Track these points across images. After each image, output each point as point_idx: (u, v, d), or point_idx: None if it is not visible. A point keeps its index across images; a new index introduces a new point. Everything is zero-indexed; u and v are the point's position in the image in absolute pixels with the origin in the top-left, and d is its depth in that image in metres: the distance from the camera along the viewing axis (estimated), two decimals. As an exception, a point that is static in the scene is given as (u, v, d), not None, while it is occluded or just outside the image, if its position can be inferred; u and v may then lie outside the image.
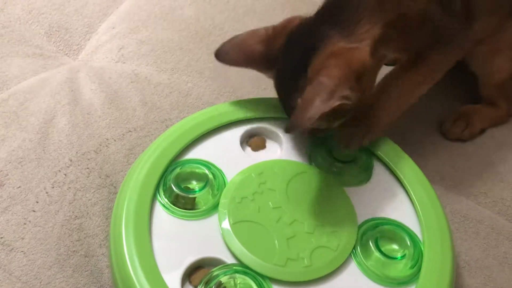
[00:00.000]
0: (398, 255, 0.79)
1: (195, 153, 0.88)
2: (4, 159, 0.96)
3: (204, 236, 0.79)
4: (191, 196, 0.82)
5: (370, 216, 0.83)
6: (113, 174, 0.97)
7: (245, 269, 0.75)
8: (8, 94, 1.07)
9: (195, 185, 0.85)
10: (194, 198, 0.82)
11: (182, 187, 0.82)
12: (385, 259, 0.78)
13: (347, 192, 0.85)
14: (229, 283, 0.74)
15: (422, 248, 0.80)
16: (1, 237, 0.87)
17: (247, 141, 0.92)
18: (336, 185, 0.86)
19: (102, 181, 0.96)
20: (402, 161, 0.89)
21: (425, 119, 1.11)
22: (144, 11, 1.28)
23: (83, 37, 1.23)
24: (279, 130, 0.91)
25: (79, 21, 1.25)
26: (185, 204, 0.82)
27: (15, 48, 1.17)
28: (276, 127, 0.91)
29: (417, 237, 0.81)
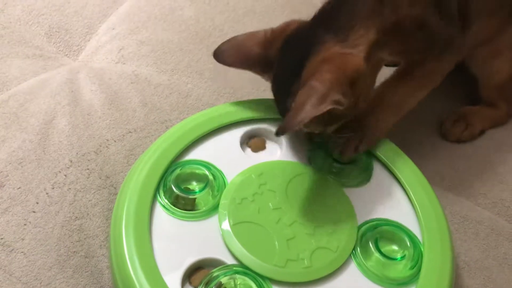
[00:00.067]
0: (398, 256, 0.80)
1: (195, 154, 0.88)
2: (4, 160, 0.96)
3: (204, 237, 0.79)
4: (191, 197, 0.82)
5: (369, 217, 0.83)
6: (113, 175, 0.97)
7: (245, 269, 0.75)
8: (8, 95, 1.07)
9: (195, 186, 0.85)
10: (194, 199, 0.82)
11: (182, 188, 0.82)
12: (385, 260, 0.78)
13: (346, 193, 0.86)
14: (229, 283, 0.74)
15: (422, 249, 0.80)
16: (1, 238, 0.88)
17: (247, 142, 0.92)
18: (335, 186, 0.86)
19: (102, 182, 0.96)
20: (401, 162, 0.89)
21: (425, 120, 1.11)
22: (144, 12, 1.28)
23: (83, 38, 1.23)
24: (279, 131, 0.91)
25: (79, 22, 1.25)
26: (185, 205, 0.82)
27: (15, 49, 1.17)
28: (276, 128, 0.91)
29: (416, 238, 0.81)
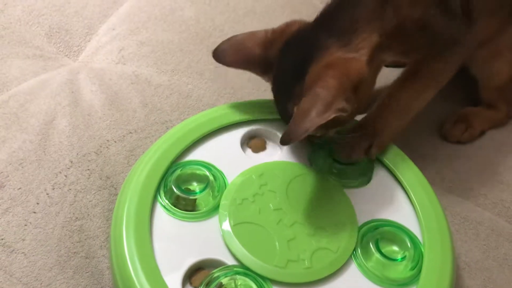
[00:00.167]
0: (399, 256, 0.80)
1: (196, 155, 0.88)
2: (4, 161, 0.96)
3: (204, 238, 0.79)
4: (191, 197, 0.82)
5: (370, 218, 0.83)
6: (114, 175, 0.97)
7: (245, 270, 0.75)
8: (8, 95, 1.07)
9: (195, 186, 0.85)
10: (195, 200, 0.82)
11: (182, 189, 0.83)
12: (386, 261, 0.78)
13: (347, 193, 0.86)
14: (229, 284, 0.74)
15: (422, 249, 0.80)
16: (2, 239, 0.87)
17: (247, 142, 0.92)
18: (336, 186, 0.86)
19: (103, 182, 0.96)
20: (402, 163, 0.89)
21: (425, 121, 1.11)
22: (144, 12, 1.28)
23: (83, 38, 1.23)
24: (279, 132, 0.91)
25: (79, 22, 1.25)
26: (185, 205, 0.82)
27: (15, 49, 1.17)
28: (276, 128, 0.91)
29: (417, 238, 0.81)
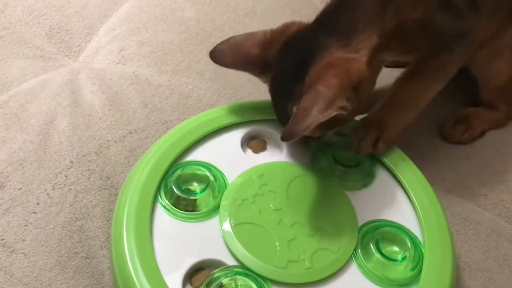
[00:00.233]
0: (399, 257, 0.80)
1: (196, 155, 0.88)
2: (5, 161, 0.96)
3: (205, 238, 0.79)
4: (192, 198, 0.82)
5: (370, 218, 0.83)
6: (114, 175, 0.97)
7: (246, 271, 0.75)
8: (8, 95, 1.07)
9: (196, 187, 0.85)
10: (195, 200, 0.83)
11: (183, 189, 0.83)
12: (386, 261, 0.78)
13: (347, 194, 0.86)
14: (230, 285, 0.74)
15: (423, 250, 0.80)
16: (2, 239, 0.87)
17: (248, 143, 0.92)
18: (336, 187, 0.86)
19: (103, 183, 0.96)
20: (402, 163, 0.89)
21: (425, 121, 1.10)
22: (144, 12, 1.28)
23: (83, 38, 1.23)
24: (279, 132, 0.91)
25: (79, 22, 1.25)
26: (186, 206, 0.82)
27: (15, 49, 1.17)
28: (276, 129, 0.91)
29: (417, 239, 0.81)
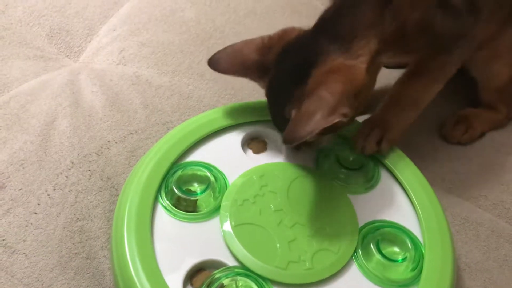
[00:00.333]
0: (399, 257, 0.80)
1: (197, 156, 0.88)
2: (5, 161, 0.96)
3: (205, 239, 0.79)
4: (192, 198, 0.83)
5: (371, 219, 0.84)
6: (115, 176, 0.97)
7: (246, 271, 0.75)
8: (9, 96, 1.07)
9: (196, 187, 0.85)
10: (196, 201, 0.83)
11: (183, 190, 0.83)
12: (386, 262, 0.78)
13: (348, 195, 0.86)
14: (230, 285, 0.74)
15: (423, 250, 0.80)
16: (3, 239, 0.88)
17: (248, 143, 0.92)
18: (337, 188, 0.87)
19: (104, 183, 0.96)
20: (402, 164, 0.89)
21: (425, 122, 1.11)
22: (145, 13, 1.28)
23: (84, 39, 1.23)
24: (279, 133, 0.91)
25: (80, 23, 1.25)
26: (186, 206, 0.82)
27: (16, 50, 1.17)
28: (277, 130, 0.91)
29: (418, 239, 0.82)
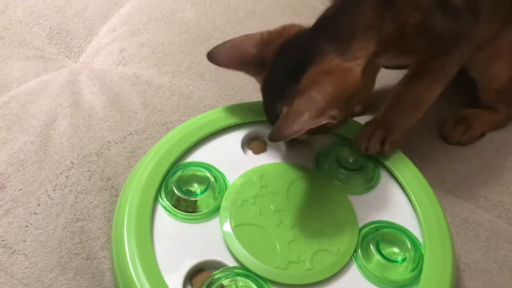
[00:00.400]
0: (399, 258, 0.80)
1: (197, 156, 0.88)
2: (5, 162, 0.96)
3: (205, 239, 0.79)
4: (192, 199, 0.83)
5: (370, 219, 0.84)
6: (115, 176, 0.97)
7: (246, 272, 0.75)
8: (9, 96, 1.07)
9: (196, 188, 0.85)
10: (196, 201, 0.83)
11: (183, 190, 0.83)
12: (386, 262, 0.78)
13: (348, 195, 0.86)
14: (230, 286, 0.74)
15: (423, 251, 0.80)
16: (3, 240, 0.88)
17: (248, 144, 0.92)
18: (337, 188, 0.87)
19: (104, 183, 0.96)
20: (402, 164, 0.90)
21: (425, 122, 1.10)
22: (145, 13, 1.28)
23: (84, 39, 1.23)
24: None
25: (80, 23, 1.25)
26: (186, 207, 0.82)
27: (16, 50, 1.17)
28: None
29: (417, 240, 0.82)
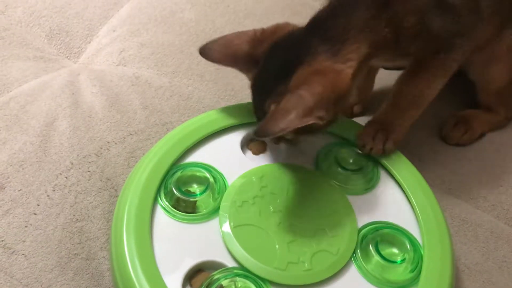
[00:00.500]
0: (398, 259, 0.80)
1: (196, 157, 0.88)
2: (5, 162, 0.96)
3: (205, 240, 0.79)
4: (192, 199, 0.83)
5: (370, 220, 0.84)
6: (114, 177, 0.97)
7: (246, 272, 0.75)
8: (9, 97, 1.07)
9: (196, 188, 0.85)
10: (195, 202, 0.83)
11: (183, 191, 0.83)
12: (385, 263, 0.78)
13: (348, 196, 0.86)
14: (230, 286, 0.74)
15: (422, 251, 0.80)
16: (2, 240, 0.88)
17: (248, 144, 0.92)
18: (336, 189, 0.87)
19: (103, 184, 0.96)
20: (401, 165, 0.90)
21: (425, 123, 1.11)
22: (144, 14, 1.28)
23: (84, 40, 1.23)
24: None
25: (80, 24, 1.25)
26: (186, 207, 0.82)
27: (16, 51, 1.17)
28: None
29: (417, 240, 0.82)
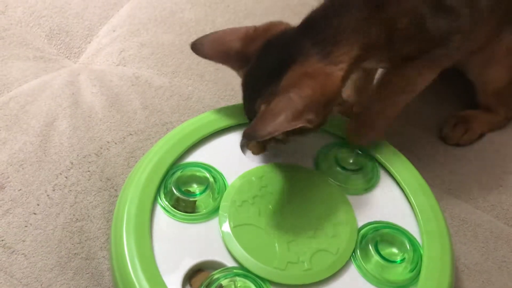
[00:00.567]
0: (398, 258, 0.80)
1: (196, 157, 0.88)
2: (5, 162, 0.96)
3: (204, 239, 0.79)
4: (191, 199, 0.83)
5: (369, 220, 0.84)
6: (114, 177, 0.97)
7: (245, 272, 0.76)
8: (9, 97, 1.07)
9: (195, 188, 0.85)
10: (195, 201, 0.83)
11: (182, 190, 0.83)
12: (385, 263, 0.78)
13: (347, 196, 0.86)
14: (229, 286, 0.74)
15: (422, 251, 0.80)
16: (2, 240, 0.88)
17: (247, 144, 0.92)
18: (336, 188, 0.87)
19: (103, 184, 0.96)
20: (402, 165, 0.90)
21: (425, 123, 1.11)
22: (144, 14, 1.28)
23: (84, 40, 1.23)
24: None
25: (80, 24, 1.25)
26: (185, 207, 0.82)
27: (16, 51, 1.17)
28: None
29: (416, 240, 0.82)
